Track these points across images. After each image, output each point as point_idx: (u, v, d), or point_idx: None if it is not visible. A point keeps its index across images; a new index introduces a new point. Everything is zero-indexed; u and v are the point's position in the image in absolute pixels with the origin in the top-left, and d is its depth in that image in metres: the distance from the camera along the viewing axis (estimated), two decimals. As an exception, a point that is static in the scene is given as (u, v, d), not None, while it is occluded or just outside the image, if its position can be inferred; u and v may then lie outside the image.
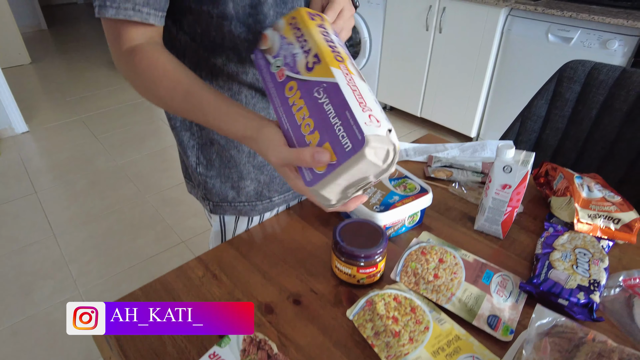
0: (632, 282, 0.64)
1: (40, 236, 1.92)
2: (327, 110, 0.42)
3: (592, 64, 0.99)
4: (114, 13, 0.50)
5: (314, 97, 0.44)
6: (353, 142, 0.39)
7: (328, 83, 0.43)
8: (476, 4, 2.19)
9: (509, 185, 0.67)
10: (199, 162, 0.71)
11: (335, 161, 0.40)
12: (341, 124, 0.41)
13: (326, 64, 0.44)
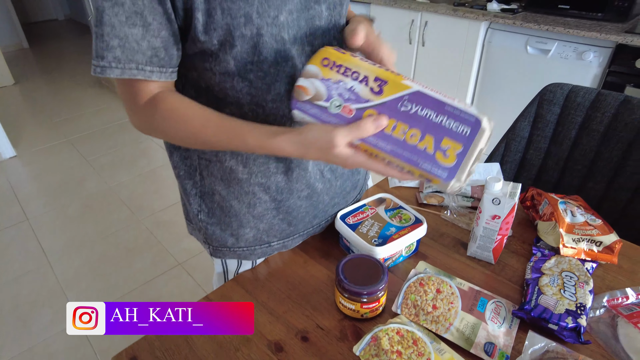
0: (615, 302, 0.69)
1: (34, 264, 1.91)
2: (425, 114, 0.47)
3: (569, 87, 1.05)
4: (119, 73, 0.52)
5: (403, 112, 0.47)
6: (470, 125, 0.46)
7: (410, 94, 0.47)
8: (457, 18, 2.26)
9: (498, 216, 0.71)
10: (200, 209, 0.73)
11: (462, 148, 0.46)
12: (447, 118, 0.46)
13: (394, 81, 0.48)
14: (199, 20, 0.52)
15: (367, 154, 0.50)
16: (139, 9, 0.49)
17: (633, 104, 0.98)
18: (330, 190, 0.75)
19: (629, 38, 1.76)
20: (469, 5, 2.37)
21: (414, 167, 0.48)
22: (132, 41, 0.51)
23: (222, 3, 0.51)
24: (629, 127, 0.98)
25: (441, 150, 0.47)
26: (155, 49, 0.53)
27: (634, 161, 0.98)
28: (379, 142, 0.48)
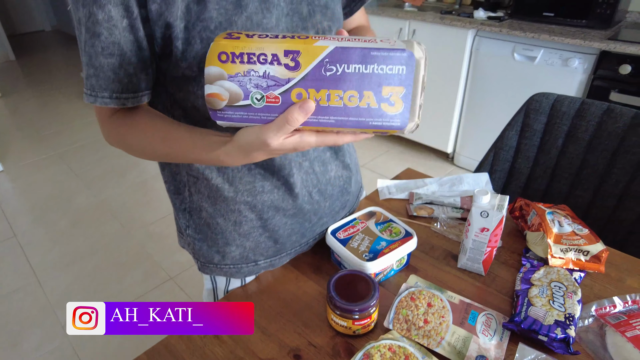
0: (603, 312, 0.70)
1: (23, 282, 1.88)
2: (353, 70, 0.42)
3: (554, 97, 1.07)
4: (92, 100, 0.53)
5: (330, 77, 0.42)
6: (404, 63, 0.42)
7: (328, 54, 0.42)
8: (444, 26, 2.29)
9: (487, 228, 0.72)
10: (188, 224, 0.74)
11: (404, 90, 0.42)
12: (378, 65, 0.42)
13: (306, 47, 0.42)
14: (178, 48, 0.52)
15: (315, 131, 0.46)
16: (115, 38, 0.50)
17: (616, 112, 0.99)
18: (319, 211, 0.75)
19: (612, 45, 1.79)
20: (455, 13, 2.41)
21: (365, 128, 0.45)
22: (108, 70, 0.51)
23: (202, 32, 0.51)
24: (613, 136, 0.99)
25: (384, 100, 0.43)
26: (130, 76, 0.53)
27: (618, 169, 0.99)
28: (320, 119, 0.44)
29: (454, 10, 2.50)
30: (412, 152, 2.85)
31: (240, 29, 0.53)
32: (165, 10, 0.50)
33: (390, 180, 1.05)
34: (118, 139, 0.60)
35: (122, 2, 0.48)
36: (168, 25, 0.50)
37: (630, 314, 0.68)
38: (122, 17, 0.49)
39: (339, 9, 0.65)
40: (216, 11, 0.51)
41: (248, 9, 0.53)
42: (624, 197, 0.99)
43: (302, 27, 0.59)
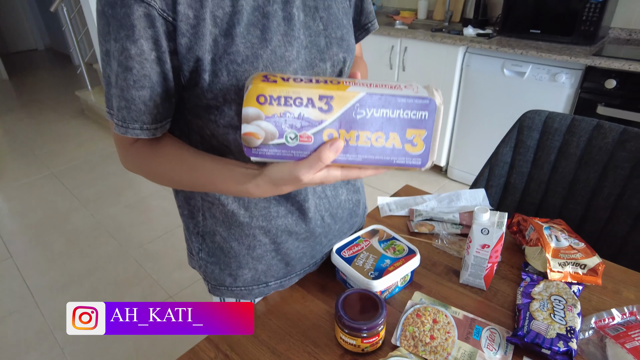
0: (603, 324, 0.72)
1: (19, 304, 1.87)
2: (381, 114, 0.46)
3: (546, 114, 1.11)
4: (123, 132, 0.55)
5: (360, 120, 0.46)
6: (426, 109, 0.46)
7: (359, 100, 0.46)
8: (435, 43, 2.35)
9: (487, 245, 0.74)
10: (201, 248, 0.75)
11: (426, 132, 0.47)
12: (404, 110, 0.46)
13: (339, 92, 0.46)
14: (205, 80, 0.54)
15: (340, 167, 0.49)
16: (146, 72, 0.51)
17: (605, 128, 1.03)
18: (329, 233, 0.77)
19: (597, 60, 1.86)
20: (445, 30, 2.48)
21: (389, 166, 0.49)
22: (140, 103, 0.53)
23: (229, 65, 0.53)
24: (603, 151, 1.03)
25: (408, 141, 0.47)
26: (159, 106, 0.55)
27: (609, 182, 1.03)
28: (349, 157, 0.48)
29: (443, 27, 2.57)
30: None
31: (265, 62, 0.55)
32: (194, 44, 0.51)
33: (390, 197, 1.08)
34: (140, 167, 0.61)
35: (152, 36, 0.50)
36: (197, 58, 0.52)
37: (629, 325, 0.70)
38: (150, 50, 0.50)
39: (353, 41, 0.68)
40: (243, 45, 0.53)
41: (272, 43, 0.55)
42: (616, 209, 1.03)
43: (320, 58, 0.62)
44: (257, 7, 0.54)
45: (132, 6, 0.47)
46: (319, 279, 0.83)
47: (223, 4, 0.52)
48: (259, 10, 0.54)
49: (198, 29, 0.51)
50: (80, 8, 4.30)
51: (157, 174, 0.60)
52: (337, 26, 0.63)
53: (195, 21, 0.51)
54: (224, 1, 0.52)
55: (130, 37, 0.49)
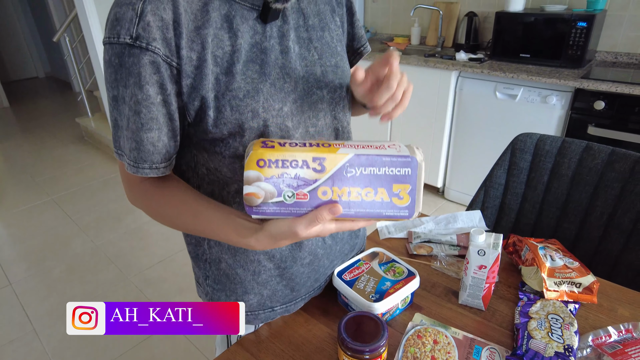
0: (600, 341, 0.74)
1: (19, 332, 1.85)
2: (369, 172, 0.52)
3: (537, 136, 1.15)
4: (134, 171, 0.58)
5: (350, 177, 0.52)
6: (409, 166, 0.52)
7: (349, 160, 0.52)
8: (428, 68, 2.42)
9: (484, 265, 0.77)
10: (207, 275, 0.76)
11: (410, 186, 0.52)
12: (389, 167, 0.52)
13: (331, 155, 0.52)
14: (210, 116, 0.57)
15: (334, 220, 0.54)
16: (153, 115, 0.55)
17: (594, 150, 1.07)
18: (331, 254, 0.79)
19: (585, 83, 1.92)
20: (438, 55, 2.56)
21: (379, 218, 0.54)
22: (148, 144, 0.56)
23: (231, 101, 0.57)
24: (593, 172, 1.07)
25: (395, 195, 0.53)
26: (166, 145, 0.59)
27: (601, 202, 1.06)
28: (343, 211, 0.52)
29: (436, 53, 2.65)
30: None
31: (265, 95, 0.59)
32: (198, 84, 0.55)
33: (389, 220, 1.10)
34: (145, 205, 0.64)
35: (157, 80, 0.53)
36: (201, 97, 0.56)
37: (625, 342, 0.72)
38: (156, 94, 0.54)
39: (347, 67, 0.72)
40: (243, 81, 0.57)
41: (271, 77, 0.59)
42: (608, 228, 1.05)
43: (317, 86, 0.65)
44: (254, 44, 0.58)
45: (138, 55, 0.51)
46: (322, 302, 0.85)
47: (222, 44, 0.55)
48: (256, 47, 0.58)
49: (201, 69, 0.54)
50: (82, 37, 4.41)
51: (160, 215, 0.64)
52: (330, 54, 0.67)
53: (198, 62, 0.54)
54: (223, 41, 0.55)
55: (138, 83, 0.53)
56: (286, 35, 0.61)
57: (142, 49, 0.51)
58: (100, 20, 2.80)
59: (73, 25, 4.61)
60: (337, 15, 0.71)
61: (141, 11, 0.50)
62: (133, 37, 0.51)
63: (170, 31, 0.52)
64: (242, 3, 0.57)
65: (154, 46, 0.51)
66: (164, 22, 0.51)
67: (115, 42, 0.52)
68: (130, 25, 0.50)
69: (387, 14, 3.18)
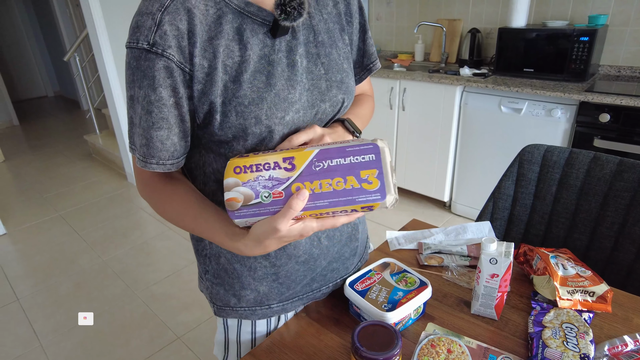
0: (616, 351, 0.73)
1: (25, 348, 1.84)
2: (336, 163, 0.55)
3: (545, 147, 1.15)
4: (142, 165, 0.63)
5: (319, 171, 0.55)
6: (372, 152, 0.55)
7: (315, 155, 0.55)
8: (433, 83, 2.45)
9: (496, 274, 0.76)
10: (207, 270, 0.80)
11: (377, 170, 0.55)
12: (354, 156, 0.55)
13: (299, 153, 0.56)
14: (217, 120, 0.61)
15: (315, 217, 0.56)
16: (164, 115, 0.59)
17: (602, 160, 1.08)
18: (328, 255, 0.81)
19: (589, 96, 1.94)
20: (442, 71, 2.59)
21: (354, 205, 0.55)
22: (157, 142, 0.61)
23: (237, 107, 0.60)
24: (602, 182, 1.07)
25: (364, 180, 0.55)
26: (175, 144, 0.63)
27: (612, 211, 1.06)
28: (317, 203, 0.55)
29: (440, 68, 2.69)
30: (410, 202, 2.93)
31: (269, 103, 0.62)
32: (208, 89, 0.59)
33: (399, 232, 1.11)
34: (152, 200, 0.69)
35: (171, 84, 0.58)
36: (210, 102, 0.60)
37: (641, 352, 0.71)
38: (169, 97, 0.59)
39: (352, 83, 0.75)
40: (249, 89, 0.61)
41: (276, 87, 0.63)
42: (620, 238, 1.05)
43: (321, 99, 0.68)
44: (263, 56, 0.62)
45: (154, 60, 0.56)
46: (333, 313, 0.85)
47: (233, 54, 0.60)
48: (265, 59, 0.62)
49: (211, 76, 0.59)
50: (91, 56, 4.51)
51: (165, 212, 0.68)
52: (337, 70, 0.70)
53: (209, 70, 0.58)
54: (233, 52, 0.60)
55: (151, 85, 0.57)
56: (294, 50, 0.65)
57: (158, 54, 0.56)
58: (110, 40, 2.87)
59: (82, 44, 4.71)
60: (345, 34, 0.75)
61: (159, 21, 0.55)
62: (150, 43, 0.55)
63: (185, 40, 0.56)
64: (253, 17, 0.61)
65: (169, 53, 0.56)
66: (179, 32, 0.56)
67: (134, 47, 0.56)
68: (149, 32, 0.55)
69: (391, 31, 3.24)
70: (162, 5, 0.55)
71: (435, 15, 2.94)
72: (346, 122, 0.73)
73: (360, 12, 0.76)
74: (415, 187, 2.82)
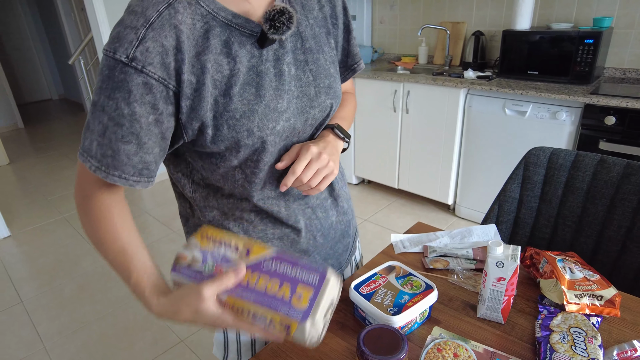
0: (625, 356, 0.72)
1: (29, 350, 1.84)
2: (283, 269, 0.58)
3: (550, 150, 1.15)
4: (104, 176, 0.58)
5: (265, 269, 0.57)
6: (318, 275, 0.57)
7: (270, 255, 0.59)
8: (437, 86, 2.45)
9: (503, 277, 0.76)
10: None
11: (312, 293, 0.55)
12: (300, 270, 0.58)
13: (259, 248, 0.60)
14: (209, 134, 0.60)
15: (233, 312, 0.56)
16: (135, 130, 0.56)
17: (609, 163, 1.07)
18: (322, 251, 0.82)
19: (594, 99, 1.93)
20: (446, 74, 2.58)
21: (274, 312, 0.54)
22: (123, 155, 0.57)
23: (229, 121, 0.60)
24: (609, 184, 1.06)
25: (296, 295, 0.55)
26: (147, 163, 0.60)
27: (618, 215, 1.05)
28: (244, 293, 0.55)
29: (444, 71, 2.68)
30: (414, 205, 2.92)
31: (260, 115, 0.63)
32: (197, 105, 0.58)
33: (403, 235, 1.10)
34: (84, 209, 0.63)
35: (150, 101, 0.55)
36: (200, 117, 0.59)
37: (651, 357, 0.70)
38: (148, 114, 0.56)
39: (339, 87, 0.75)
40: (240, 102, 0.61)
41: (266, 98, 0.63)
42: (627, 242, 1.04)
43: (310, 105, 0.69)
44: (251, 67, 0.61)
45: (132, 74, 0.53)
46: (338, 317, 0.84)
47: (221, 68, 0.59)
48: (253, 70, 0.62)
49: (200, 92, 0.58)
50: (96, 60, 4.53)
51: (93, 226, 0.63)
52: (324, 76, 0.71)
53: (197, 85, 0.57)
54: (222, 66, 0.59)
55: (126, 99, 0.54)
56: (281, 59, 0.65)
57: (137, 70, 0.53)
58: (115, 43, 2.88)
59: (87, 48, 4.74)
60: (331, 37, 0.75)
61: (142, 37, 0.53)
62: (129, 57, 0.53)
63: (170, 57, 0.55)
64: (241, 30, 0.61)
65: (148, 70, 0.54)
66: (164, 49, 0.54)
67: (110, 56, 0.54)
68: (129, 46, 0.53)
69: (394, 34, 3.24)
70: (147, 20, 0.53)
71: (438, 18, 2.94)
72: (335, 129, 0.75)
73: (344, 12, 0.76)
74: (419, 190, 2.81)
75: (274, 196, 0.73)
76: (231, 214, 0.74)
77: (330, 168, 0.69)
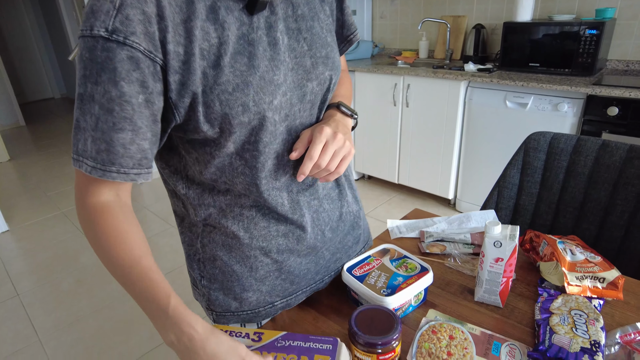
0: (629, 338, 0.69)
1: (24, 343, 1.83)
2: (297, 344, 0.63)
3: (551, 135, 1.12)
4: (100, 175, 0.52)
5: (279, 347, 0.63)
6: (331, 343, 0.64)
7: (282, 335, 0.65)
8: (437, 79, 2.42)
9: (501, 258, 0.73)
10: (202, 275, 0.74)
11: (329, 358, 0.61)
12: (313, 342, 0.64)
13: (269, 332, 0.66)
14: (200, 112, 0.54)
15: None
16: (127, 114, 0.50)
17: (611, 147, 1.04)
18: (332, 246, 0.77)
19: (597, 89, 1.90)
20: (447, 67, 2.56)
21: None
22: (119, 146, 0.51)
23: (220, 95, 0.54)
24: (611, 169, 1.03)
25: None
26: (145, 151, 0.54)
27: (621, 200, 1.02)
28: None
29: (445, 65, 2.66)
30: (414, 200, 2.89)
31: (255, 88, 0.57)
32: (187, 79, 0.52)
33: (400, 220, 1.08)
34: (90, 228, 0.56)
35: (138, 78, 0.49)
36: (192, 93, 0.53)
37: (655, 339, 0.67)
38: (137, 93, 0.50)
39: (338, 57, 0.69)
40: (232, 74, 0.54)
41: (260, 69, 0.57)
42: (631, 227, 1.01)
43: (307, 78, 0.63)
44: (241, 36, 0.55)
45: (115, 49, 0.47)
46: (331, 301, 0.82)
47: (209, 36, 0.52)
48: (244, 39, 0.55)
49: (189, 64, 0.51)
50: (96, 57, 4.52)
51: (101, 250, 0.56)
52: (321, 45, 0.65)
53: (185, 57, 0.51)
54: (209, 34, 0.52)
55: (112, 79, 0.49)
56: (274, 26, 0.59)
57: (120, 43, 0.47)
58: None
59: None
60: (326, 4, 0.68)
61: (120, 4, 0.47)
62: (109, 30, 0.47)
63: (153, 25, 0.48)
64: None
65: (132, 40, 0.48)
66: (146, 16, 0.48)
67: (88, 35, 0.48)
68: (107, 17, 0.47)
69: (395, 29, 3.22)
70: None
71: (439, 12, 2.91)
72: (341, 106, 0.70)
73: None
74: (419, 185, 2.79)
75: (278, 187, 0.66)
76: (230, 211, 0.68)
77: (347, 148, 0.64)
